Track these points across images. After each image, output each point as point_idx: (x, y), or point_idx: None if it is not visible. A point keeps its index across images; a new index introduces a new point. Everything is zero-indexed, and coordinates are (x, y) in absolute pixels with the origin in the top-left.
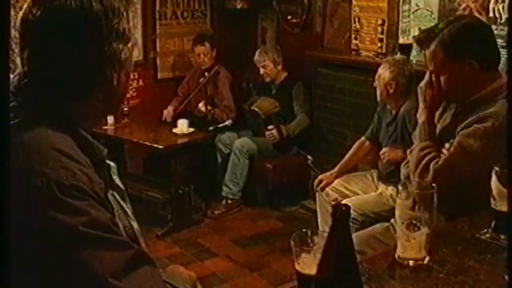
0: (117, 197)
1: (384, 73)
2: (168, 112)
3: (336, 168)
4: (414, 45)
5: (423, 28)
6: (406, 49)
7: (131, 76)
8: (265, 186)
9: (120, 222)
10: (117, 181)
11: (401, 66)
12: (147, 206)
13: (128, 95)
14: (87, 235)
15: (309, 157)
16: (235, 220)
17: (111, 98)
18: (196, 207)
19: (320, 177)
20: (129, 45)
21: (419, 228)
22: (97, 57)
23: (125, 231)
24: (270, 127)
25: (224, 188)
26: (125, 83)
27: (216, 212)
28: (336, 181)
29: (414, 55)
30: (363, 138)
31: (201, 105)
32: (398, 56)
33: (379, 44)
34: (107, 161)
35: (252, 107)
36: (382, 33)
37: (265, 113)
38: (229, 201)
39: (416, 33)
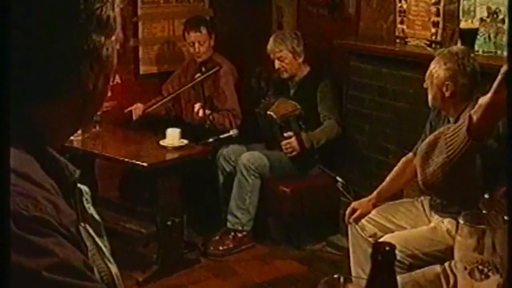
0: (91, 232)
1: (438, 70)
2: (136, 109)
3: (375, 194)
4: (481, 30)
5: (493, 7)
6: (469, 36)
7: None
8: (281, 216)
9: (95, 265)
10: (91, 210)
11: (461, 60)
12: (125, 243)
13: None
14: (53, 282)
15: (338, 178)
16: (242, 261)
17: (84, 107)
18: (190, 243)
19: (353, 205)
20: (113, 38)
21: (487, 276)
22: (71, 51)
23: (100, 277)
24: (287, 134)
25: (230, 218)
26: (103, 88)
27: (221, 248)
28: (374, 211)
29: (481, 43)
30: (410, 154)
31: (196, 108)
32: (457, 47)
33: (433, 30)
34: (79, 185)
35: (268, 111)
36: (437, 14)
37: (282, 117)
38: (238, 234)
39: (484, 14)
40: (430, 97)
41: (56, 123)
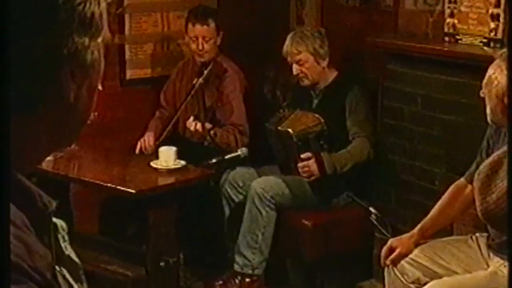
0: (68, 277)
1: (498, 76)
2: (146, 144)
3: (418, 229)
4: None
5: None
6: None
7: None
8: (300, 256)
9: None
10: (69, 251)
11: None
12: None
13: None
14: None
15: (372, 209)
16: None
17: (64, 124)
18: None
19: (391, 242)
20: (99, 40)
21: None
22: (48, 56)
23: None
24: (304, 154)
25: (238, 259)
26: (88, 100)
27: None
28: (417, 251)
29: None
30: (462, 180)
31: (191, 122)
32: None
33: (492, 25)
34: (54, 220)
35: (280, 127)
36: (497, 5)
37: (300, 134)
38: (246, 279)
39: None
40: (488, 109)
41: (28, 144)
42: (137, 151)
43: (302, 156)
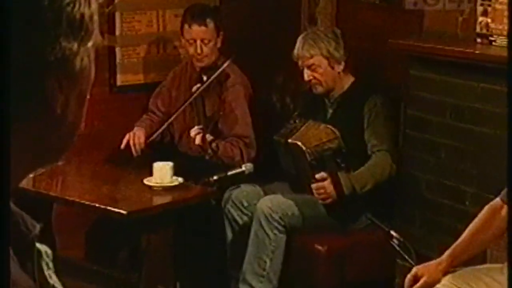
0: None
1: None
2: (135, 138)
3: (447, 255)
4: None
5: None
6: None
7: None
8: (313, 285)
9: None
10: (53, 280)
11: None
12: None
13: None
14: None
15: (393, 233)
16: None
17: (49, 139)
18: None
19: (415, 270)
20: (89, 44)
21: None
22: (32, 63)
23: None
24: (319, 175)
25: (242, 287)
26: (77, 112)
27: None
28: (446, 280)
29: None
30: (497, 200)
31: (193, 134)
32: None
33: None
34: (38, 245)
35: (291, 140)
36: None
37: (314, 149)
38: None
39: None
40: None
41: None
42: (123, 146)
43: (317, 176)
